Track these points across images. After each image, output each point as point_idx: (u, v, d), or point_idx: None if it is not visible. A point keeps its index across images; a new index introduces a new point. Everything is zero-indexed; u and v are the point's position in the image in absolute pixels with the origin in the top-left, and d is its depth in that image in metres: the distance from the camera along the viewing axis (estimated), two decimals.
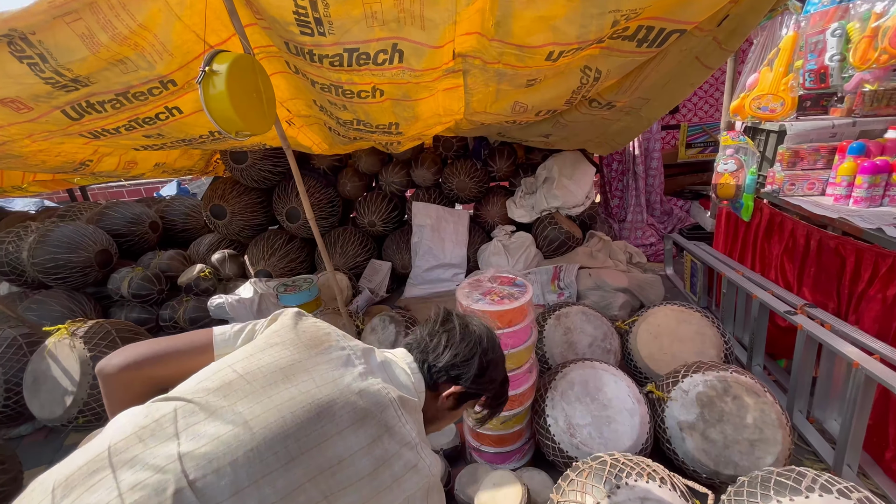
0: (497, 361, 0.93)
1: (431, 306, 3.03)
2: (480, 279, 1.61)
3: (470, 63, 1.62)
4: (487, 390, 0.91)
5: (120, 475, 0.56)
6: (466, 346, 0.88)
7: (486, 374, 0.89)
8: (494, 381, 0.92)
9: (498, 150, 3.25)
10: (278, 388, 0.67)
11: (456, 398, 0.88)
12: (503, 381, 0.96)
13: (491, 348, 0.91)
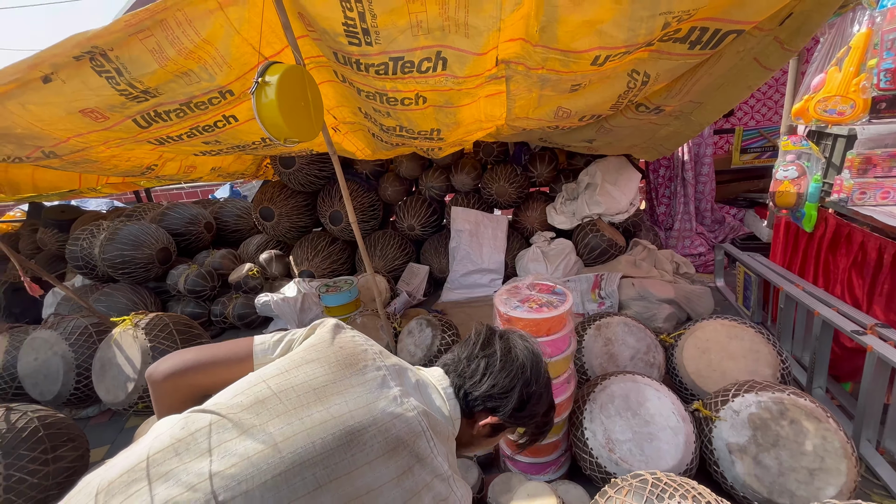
0: (540, 393, 0.86)
1: (468, 310, 3.02)
2: (519, 286, 1.59)
3: (513, 69, 1.62)
4: (527, 423, 0.86)
5: (155, 489, 0.59)
6: (507, 376, 0.82)
7: (527, 408, 0.83)
8: (536, 415, 0.86)
9: (539, 155, 3.21)
10: (310, 410, 0.67)
11: (492, 427, 0.84)
12: (547, 411, 0.89)
13: (535, 379, 0.85)
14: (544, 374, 0.88)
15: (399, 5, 1.38)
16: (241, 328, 3.16)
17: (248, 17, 1.47)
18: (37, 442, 1.62)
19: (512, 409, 0.81)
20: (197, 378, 0.82)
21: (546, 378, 0.88)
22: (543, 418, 0.89)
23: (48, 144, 1.84)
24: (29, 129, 1.71)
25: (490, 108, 1.91)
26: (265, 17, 1.47)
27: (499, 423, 0.83)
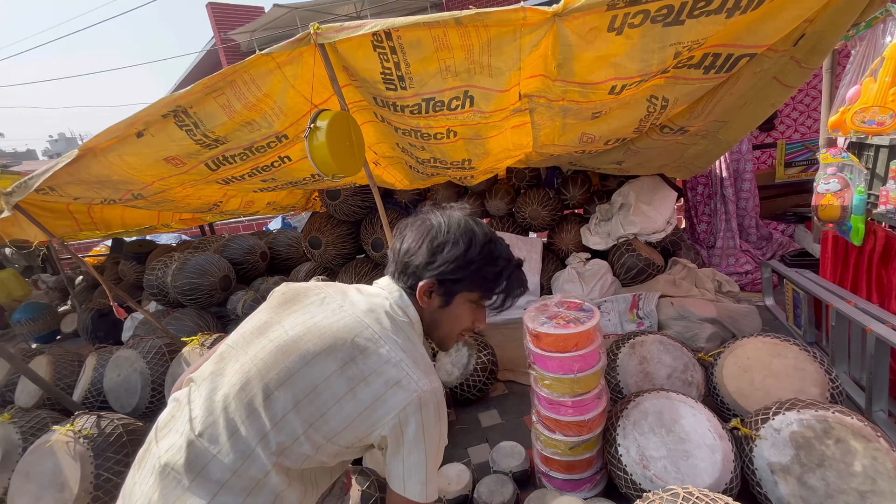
0: (453, 241, 0.81)
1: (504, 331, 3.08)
2: (548, 304, 1.66)
3: (535, 102, 1.75)
4: (466, 274, 0.81)
5: (159, 444, 0.77)
6: (414, 235, 0.84)
7: (440, 258, 0.80)
8: (466, 262, 0.81)
9: (571, 178, 3.28)
10: (255, 344, 0.78)
11: (434, 293, 0.83)
12: (490, 260, 0.83)
13: (440, 230, 0.82)
14: (463, 224, 0.84)
15: (429, 54, 1.56)
16: None
17: (300, 73, 1.71)
18: (121, 446, 1.84)
19: (425, 263, 0.81)
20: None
21: (463, 227, 0.84)
22: (483, 268, 0.83)
23: (137, 188, 2.16)
24: (123, 176, 2.03)
25: (517, 138, 2.03)
26: (315, 72, 1.70)
27: (433, 285, 0.82)
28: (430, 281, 0.82)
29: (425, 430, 0.74)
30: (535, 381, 1.60)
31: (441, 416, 0.77)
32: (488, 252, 0.84)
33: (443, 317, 0.86)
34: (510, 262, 0.87)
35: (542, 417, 1.61)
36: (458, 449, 2.07)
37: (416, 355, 0.77)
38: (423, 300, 0.84)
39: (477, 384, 2.26)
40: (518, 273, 0.89)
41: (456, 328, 0.89)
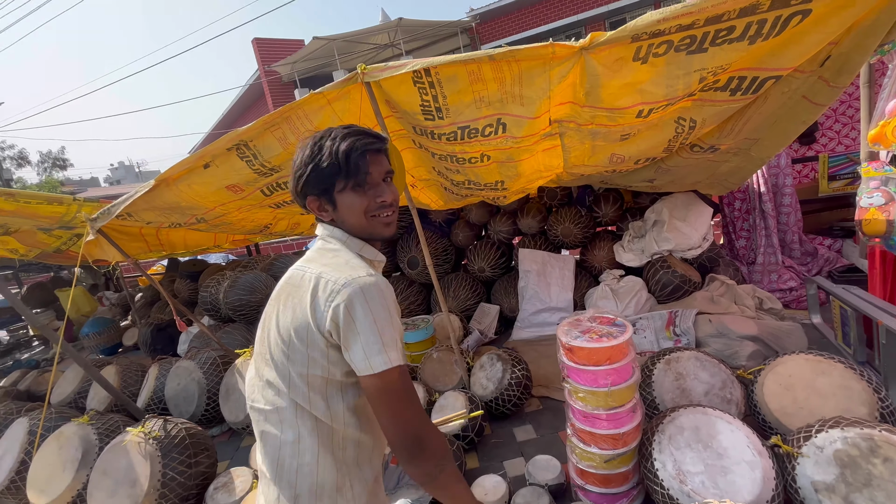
0: (298, 159, 0.88)
1: (539, 348, 3.10)
2: (580, 318, 1.71)
3: (565, 126, 1.84)
4: (315, 174, 0.85)
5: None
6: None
7: (296, 176, 0.88)
8: (308, 165, 0.86)
9: (603, 195, 3.32)
10: (261, 337, 0.93)
11: (320, 206, 0.89)
12: (319, 149, 0.86)
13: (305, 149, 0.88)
14: (303, 143, 0.90)
15: (464, 87, 1.69)
16: None
17: (347, 108, 1.89)
18: (184, 448, 2.01)
19: (294, 187, 0.90)
20: None
21: (304, 143, 0.90)
22: (320, 159, 0.85)
23: (201, 213, 2.40)
24: (190, 202, 2.27)
25: (548, 160, 2.13)
26: (360, 106, 1.88)
27: (314, 201, 0.88)
28: (309, 199, 0.89)
29: (367, 309, 0.79)
30: (570, 394, 1.65)
31: (381, 294, 0.81)
32: (318, 146, 0.87)
33: (346, 216, 0.89)
34: (335, 139, 0.87)
35: (577, 430, 1.65)
36: (493, 461, 2.11)
37: (337, 263, 0.85)
38: (324, 215, 0.90)
39: (511, 399, 2.31)
40: (350, 142, 0.87)
41: (358, 217, 0.90)
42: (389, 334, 0.80)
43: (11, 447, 2.31)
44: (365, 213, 0.89)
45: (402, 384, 0.81)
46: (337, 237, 0.92)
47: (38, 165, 22.74)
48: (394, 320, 0.82)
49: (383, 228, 0.93)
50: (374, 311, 0.80)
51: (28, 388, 3.65)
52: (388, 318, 0.81)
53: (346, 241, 0.91)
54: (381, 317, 0.80)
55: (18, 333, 6.36)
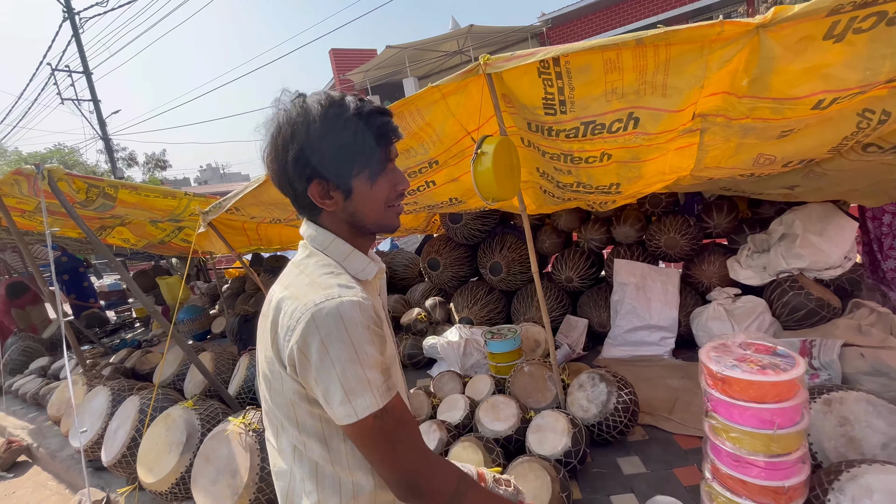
0: (292, 132, 0.71)
1: (634, 369, 2.83)
2: (727, 344, 1.47)
3: (710, 121, 1.61)
4: (329, 152, 0.71)
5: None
6: (270, 155, 0.74)
7: (291, 155, 0.71)
8: (318, 142, 0.70)
9: (715, 204, 2.97)
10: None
11: (329, 190, 0.73)
12: (339, 123, 0.70)
13: (279, 133, 0.72)
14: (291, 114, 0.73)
15: (597, 77, 1.53)
16: (408, 366, 3.47)
17: (462, 102, 1.79)
18: None
19: (285, 170, 0.73)
20: None
21: (296, 111, 0.72)
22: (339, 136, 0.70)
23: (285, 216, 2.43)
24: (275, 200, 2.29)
25: (677, 161, 1.89)
26: (476, 100, 1.77)
27: (321, 185, 0.73)
28: (314, 183, 0.73)
29: (323, 349, 0.65)
30: (713, 431, 1.41)
31: (340, 325, 0.65)
32: (334, 116, 0.71)
33: (361, 206, 0.76)
34: (360, 113, 0.72)
35: (721, 475, 1.41)
36: (598, 494, 1.90)
37: (301, 283, 0.72)
38: (328, 204, 0.75)
39: (617, 425, 2.08)
40: (375, 119, 0.73)
41: (378, 209, 0.78)
42: (354, 377, 0.66)
43: (124, 423, 2.47)
44: (385, 203, 0.78)
45: (382, 428, 0.69)
46: (320, 241, 0.78)
47: (143, 166, 25.59)
48: (362, 354, 0.67)
49: (395, 219, 0.82)
50: (332, 352, 0.65)
51: (133, 366, 3.96)
52: (352, 356, 0.66)
53: (329, 245, 0.77)
54: (340, 357, 0.65)
55: (123, 315, 7.05)
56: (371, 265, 0.81)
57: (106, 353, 4.91)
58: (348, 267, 0.77)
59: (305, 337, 0.65)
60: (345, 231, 0.78)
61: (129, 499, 2.35)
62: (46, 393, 3.78)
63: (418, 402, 2.53)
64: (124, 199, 2.79)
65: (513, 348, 2.74)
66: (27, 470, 3.26)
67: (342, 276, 0.73)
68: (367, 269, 0.80)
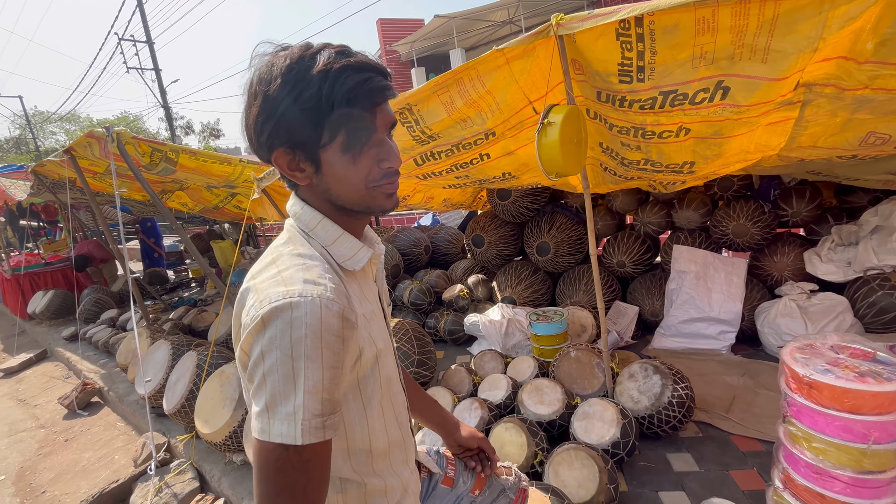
0: (252, 92, 0.63)
1: (687, 362, 2.67)
2: (815, 345, 1.32)
3: (817, 92, 1.40)
4: (288, 116, 0.60)
5: None
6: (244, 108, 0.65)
7: (252, 117, 0.63)
8: (275, 102, 0.60)
9: (796, 189, 2.68)
10: None
11: (297, 161, 0.64)
12: (298, 80, 0.60)
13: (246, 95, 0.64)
14: (254, 72, 0.63)
15: (685, 39, 1.36)
16: (448, 342, 3.47)
17: (527, 68, 1.66)
18: None
19: (250, 136, 0.65)
20: None
21: (257, 71, 0.63)
22: (301, 96, 0.59)
23: None
24: None
25: (766, 137, 1.69)
26: (543, 66, 1.64)
27: (283, 155, 0.64)
28: (277, 152, 0.64)
29: (260, 352, 0.57)
30: (790, 438, 1.29)
31: (287, 331, 0.56)
32: (298, 72, 0.60)
33: (334, 183, 0.65)
34: (327, 72, 0.59)
35: (795, 486, 1.29)
36: (646, 489, 1.82)
37: (267, 274, 0.63)
38: (298, 177, 0.66)
39: (670, 420, 1.97)
40: (347, 78, 0.60)
41: (354, 188, 0.65)
42: (283, 395, 0.56)
43: (183, 376, 2.62)
44: (365, 182, 0.65)
45: (282, 466, 0.56)
46: (306, 220, 0.68)
47: (199, 134, 26.81)
48: (301, 374, 0.56)
49: (385, 200, 0.68)
50: (267, 360, 0.56)
51: (190, 323, 4.21)
52: (288, 373, 0.56)
53: (317, 226, 0.67)
54: (274, 369, 0.56)
55: (181, 274, 7.52)
56: (363, 251, 0.71)
57: (166, 310, 5.26)
58: (335, 253, 0.68)
59: (250, 339, 0.59)
60: (329, 209, 0.68)
61: (187, 446, 2.52)
62: (115, 342, 4.10)
63: (459, 379, 2.52)
64: (184, 163, 2.89)
65: (559, 332, 2.66)
66: (99, 410, 3.59)
67: (314, 268, 0.63)
68: (358, 256, 0.70)
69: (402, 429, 0.80)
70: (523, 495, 1.11)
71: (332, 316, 0.58)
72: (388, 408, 0.75)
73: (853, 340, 1.31)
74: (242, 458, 2.27)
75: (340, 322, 0.59)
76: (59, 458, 3.03)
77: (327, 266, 0.65)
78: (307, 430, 0.56)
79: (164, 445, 2.61)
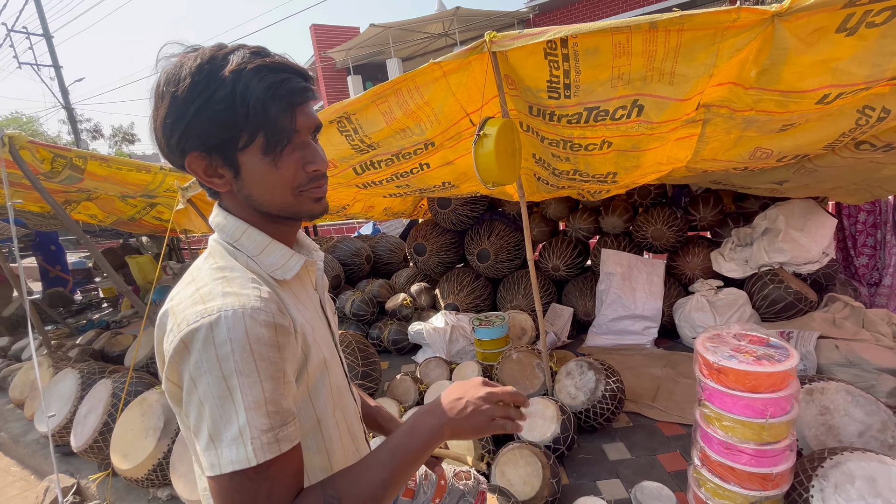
0: (158, 94, 0.59)
1: (617, 358, 2.87)
2: (721, 334, 1.49)
3: (713, 112, 1.60)
4: (201, 116, 0.57)
5: None
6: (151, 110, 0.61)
7: (161, 121, 0.59)
8: (185, 103, 0.57)
9: (702, 197, 3.01)
10: None
11: (214, 167, 0.61)
12: (209, 82, 0.57)
13: (154, 96, 0.60)
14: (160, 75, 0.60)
15: (605, 61, 1.49)
16: (392, 352, 3.43)
17: (463, 82, 1.72)
18: None
19: (161, 140, 0.61)
20: None
21: (164, 74, 0.60)
22: (213, 97, 0.57)
23: None
24: None
25: (675, 151, 1.89)
26: (479, 80, 1.71)
27: (198, 160, 0.61)
28: (191, 157, 0.60)
29: (190, 378, 0.54)
30: (705, 419, 1.43)
31: (219, 349, 0.52)
32: (209, 72, 0.57)
33: (256, 189, 0.62)
34: (241, 71, 0.57)
35: (710, 462, 1.43)
36: (584, 480, 1.93)
37: (186, 294, 0.58)
38: (217, 183, 0.63)
39: (604, 413, 2.11)
40: (264, 77, 0.58)
41: (279, 192, 0.63)
42: (223, 420, 0.52)
43: (96, 407, 2.35)
44: (292, 188, 0.63)
45: (242, 492, 0.53)
46: (230, 231, 0.64)
47: (110, 139, 24.28)
48: (237, 392, 0.52)
49: (313, 205, 0.66)
50: (199, 387, 0.53)
51: (102, 347, 3.78)
52: (223, 394, 0.52)
53: (241, 237, 0.64)
54: (209, 394, 0.52)
55: (90, 294, 6.73)
56: (294, 259, 0.67)
57: (72, 334, 4.67)
58: (263, 263, 0.65)
59: (175, 366, 0.54)
60: (255, 217, 0.65)
61: (101, 485, 2.25)
62: (7, 375, 3.57)
63: (405, 388, 2.51)
64: (94, 171, 2.61)
65: (500, 335, 2.74)
66: None
67: (236, 280, 0.59)
68: (290, 265, 0.66)
69: (355, 441, 0.78)
70: (482, 497, 1.13)
71: (258, 325, 0.55)
72: (341, 420, 0.73)
73: (751, 329, 1.49)
74: (169, 493, 2.07)
75: (271, 330, 0.56)
76: None
77: (252, 276, 0.61)
78: (259, 449, 0.52)
79: (73, 488, 2.31)
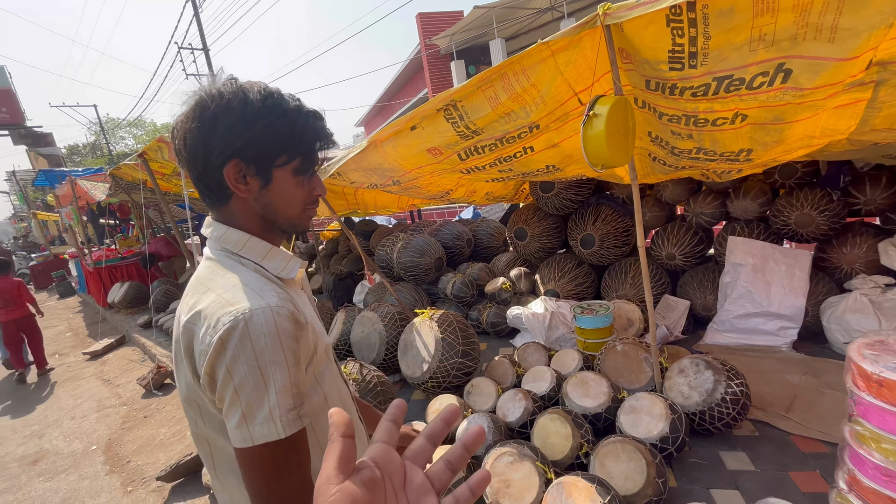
0: (225, 106, 0.68)
1: (742, 359, 2.55)
2: (886, 341, 1.24)
3: (892, 71, 1.31)
4: (255, 135, 0.68)
5: None
6: (184, 127, 0.70)
7: (219, 129, 0.68)
8: (250, 122, 0.68)
9: (870, 175, 2.47)
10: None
11: (246, 174, 0.71)
12: (277, 113, 0.69)
13: (209, 104, 0.68)
14: (224, 90, 0.69)
15: (743, 22, 1.30)
16: (491, 334, 3.51)
17: (573, 60, 1.66)
18: (376, 394, 2.17)
19: (207, 144, 0.69)
20: None
21: (231, 89, 0.69)
22: (274, 124, 0.69)
23: (398, 175, 2.49)
24: (391, 164, 2.36)
25: (834, 121, 1.58)
26: (590, 57, 1.62)
27: (240, 165, 0.70)
28: (233, 162, 0.69)
29: (233, 368, 0.62)
30: (856, 438, 1.23)
31: (254, 343, 0.62)
32: (271, 102, 0.69)
33: (278, 200, 0.74)
34: (300, 110, 0.72)
35: (862, 489, 1.23)
36: (695, 485, 1.79)
37: (207, 301, 0.66)
38: (241, 188, 0.71)
39: (723, 417, 1.91)
40: (312, 119, 0.73)
41: (294, 206, 0.75)
42: (257, 402, 0.62)
43: None
44: (303, 204, 0.76)
45: (274, 459, 0.64)
46: (233, 241, 0.74)
47: None
48: (269, 379, 0.63)
49: (307, 222, 0.80)
50: (235, 377, 0.62)
51: None
52: (258, 381, 0.62)
53: (245, 245, 0.74)
54: (245, 382, 0.62)
55: None
56: (294, 261, 0.78)
57: None
58: (268, 266, 0.75)
59: (212, 363, 0.63)
60: (257, 226, 0.76)
61: None
62: None
63: (503, 370, 2.56)
64: None
65: (604, 325, 2.62)
66: (172, 391, 3.95)
67: (251, 283, 0.69)
68: (290, 266, 0.77)
69: (351, 417, 0.90)
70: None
71: (284, 321, 0.65)
72: (345, 396, 0.86)
73: None
74: None
75: (293, 324, 0.67)
76: (140, 432, 3.38)
77: (263, 279, 0.72)
78: (286, 424, 0.64)
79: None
